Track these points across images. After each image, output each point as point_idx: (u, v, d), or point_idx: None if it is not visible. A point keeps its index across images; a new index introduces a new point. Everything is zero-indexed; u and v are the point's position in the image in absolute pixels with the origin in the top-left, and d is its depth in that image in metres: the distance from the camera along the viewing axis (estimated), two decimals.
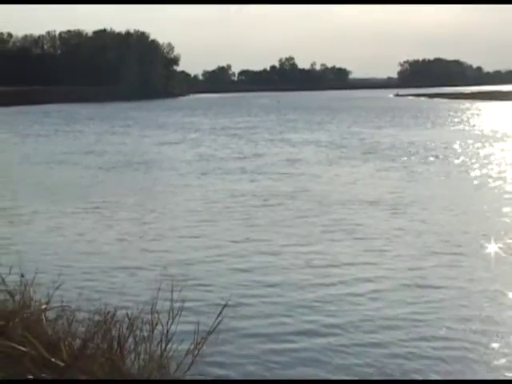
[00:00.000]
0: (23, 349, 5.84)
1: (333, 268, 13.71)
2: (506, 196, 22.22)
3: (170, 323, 6.01)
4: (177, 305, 6.18)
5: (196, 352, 5.90)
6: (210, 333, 6.05)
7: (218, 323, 6.20)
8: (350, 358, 9.13)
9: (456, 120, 68.21)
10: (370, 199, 21.70)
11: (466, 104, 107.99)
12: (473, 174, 28.27)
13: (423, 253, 14.76)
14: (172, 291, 6.26)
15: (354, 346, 9.52)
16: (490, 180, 26.42)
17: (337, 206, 20.68)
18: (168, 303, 6.25)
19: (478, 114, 79.38)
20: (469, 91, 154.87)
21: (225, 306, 6.56)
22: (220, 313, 6.27)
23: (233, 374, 8.43)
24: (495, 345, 9.56)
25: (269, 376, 8.62)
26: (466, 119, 69.86)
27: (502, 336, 9.84)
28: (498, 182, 25.56)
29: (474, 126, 59.88)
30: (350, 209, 20.20)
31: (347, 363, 8.98)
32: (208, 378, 6.32)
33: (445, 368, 8.77)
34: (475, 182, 25.90)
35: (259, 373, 8.67)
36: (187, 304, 7.03)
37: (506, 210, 19.52)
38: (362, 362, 8.99)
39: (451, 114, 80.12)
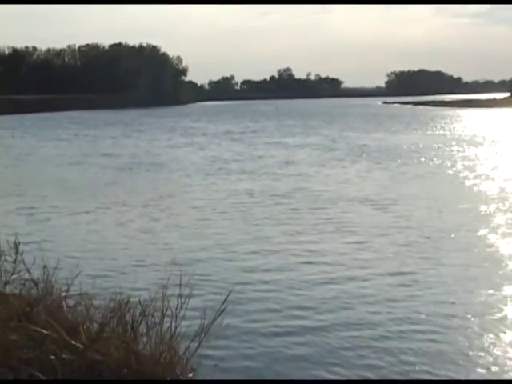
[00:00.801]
0: (46, 332, 5.81)
1: (323, 259, 13.71)
2: (481, 193, 22.26)
3: (178, 309, 5.99)
4: (185, 293, 6.14)
5: (203, 336, 5.87)
6: (215, 318, 6.01)
7: (223, 310, 6.19)
8: (335, 344, 9.15)
9: (438, 125, 68.06)
10: (358, 197, 21.74)
11: (447, 111, 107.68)
12: (452, 173, 28.25)
13: (405, 245, 14.79)
14: (180, 281, 6.23)
15: (335, 330, 9.56)
16: (467, 179, 26.38)
17: (328, 203, 20.69)
18: (177, 291, 6.25)
19: (457, 120, 79.17)
20: (449, 99, 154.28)
21: (229, 294, 6.55)
22: (224, 300, 6.25)
23: (236, 356, 8.41)
24: (466, 323, 9.61)
25: (267, 356, 8.63)
26: (446, 125, 69.66)
27: (474, 316, 9.89)
28: (474, 181, 25.53)
29: (453, 130, 59.75)
30: (339, 206, 20.21)
31: (333, 349, 9.01)
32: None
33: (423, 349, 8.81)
34: (453, 181, 25.89)
35: (259, 354, 8.65)
36: (194, 292, 7.00)
37: (479, 206, 19.56)
38: (347, 346, 8.99)
39: (433, 120, 79.86)
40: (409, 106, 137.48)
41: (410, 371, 8.12)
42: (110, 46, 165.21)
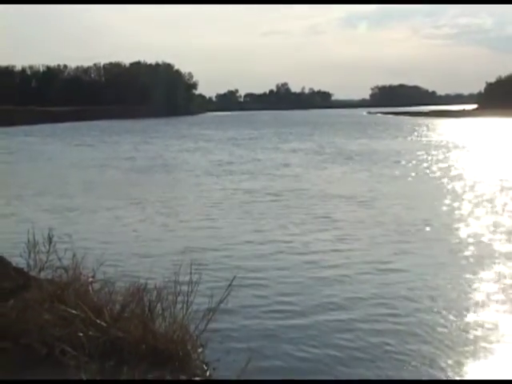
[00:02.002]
0: (75, 312, 5.82)
1: (311, 248, 13.78)
2: (451, 191, 22.25)
3: (189, 293, 5.97)
4: (195, 279, 6.12)
5: (210, 316, 5.86)
6: (221, 301, 5.98)
7: (228, 293, 6.16)
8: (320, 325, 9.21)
9: (415, 133, 67.98)
10: (343, 195, 21.70)
11: (423, 120, 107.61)
12: (426, 174, 28.23)
13: (383, 237, 14.80)
14: (191, 268, 6.21)
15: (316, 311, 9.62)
16: (439, 179, 26.38)
17: (316, 200, 20.69)
18: (187, 277, 6.22)
19: (432, 128, 79.03)
20: (425, 110, 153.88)
21: (233, 279, 6.52)
22: (229, 285, 6.22)
23: (239, 333, 8.40)
24: (435, 305, 9.60)
25: (265, 332, 8.62)
26: (423, 132, 69.64)
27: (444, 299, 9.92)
28: (446, 181, 25.53)
29: (429, 137, 59.70)
30: (326, 202, 20.20)
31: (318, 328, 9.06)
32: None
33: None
34: (427, 181, 25.90)
35: (258, 330, 8.66)
36: (203, 278, 6.99)
37: (451, 203, 19.56)
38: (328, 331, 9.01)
39: (411, 127, 79.80)
40: (390, 115, 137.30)
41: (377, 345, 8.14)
42: (131, 64, 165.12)
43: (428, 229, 15.67)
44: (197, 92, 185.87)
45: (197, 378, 5.53)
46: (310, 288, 10.79)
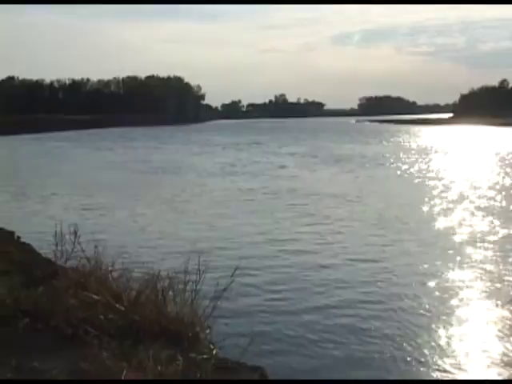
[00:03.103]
0: (97, 297, 5.81)
1: (302, 237, 13.96)
2: (430, 190, 22.24)
3: (197, 281, 5.92)
4: (202, 268, 6.06)
5: (216, 301, 5.80)
6: (225, 289, 5.91)
7: (232, 281, 6.11)
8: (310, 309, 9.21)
9: (398, 138, 67.98)
10: (331, 193, 21.72)
11: (405, 127, 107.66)
12: (408, 175, 28.25)
13: (366, 230, 14.86)
14: (199, 259, 6.17)
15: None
16: (418, 179, 26.40)
17: (307, 197, 20.73)
18: (196, 267, 6.18)
19: (413, 135, 79.06)
20: (407, 118, 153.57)
21: (235, 269, 6.50)
22: (233, 274, 6.17)
23: (242, 317, 8.40)
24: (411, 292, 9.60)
25: (264, 314, 8.65)
26: (405, 138, 69.63)
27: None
28: (425, 180, 25.54)
29: (410, 142, 59.72)
30: (316, 199, 20.25)
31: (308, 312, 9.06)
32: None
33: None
34: (409, 181, 25.90)
35: (259, 314, 8.66)
36: (210, 267, 6.87)
37: (430, 201, 19.55)
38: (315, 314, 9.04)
39: (395, 134, 79.82)
40: (376, 123, 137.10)
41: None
42: (146, 77, 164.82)
43: (405, 222, 15.70)
44: (204, 102, 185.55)
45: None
46: (304, 275, 10.79)
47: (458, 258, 11.75)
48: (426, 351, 7.28)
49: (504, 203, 19.14)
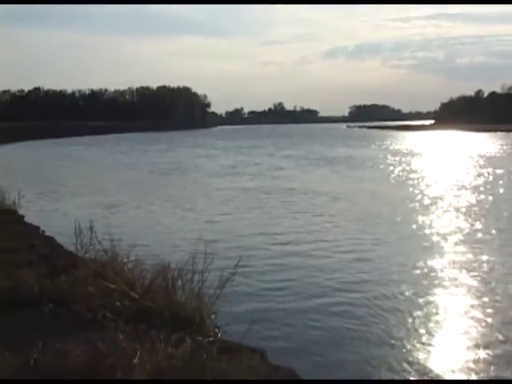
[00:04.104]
0: (113, 286, 5.80)
1: (295, 230, 14.02)
2: (414, 190, 22.20)
3: (203, 271, 5.90)
4: (208, 260, 6.02)
5: (221, 289, 5.77)
6: (229, 278, 5.88)
7: (235, 272, 6.08)
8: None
9: (385, 143, 67.83)
10: (321, 191, 21.71)
11: (391, 133, 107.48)
12: (391, 175, 28.22)
13: (351, 224, 14.88)
14: (205, 251, 6.15)
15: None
16: (401, 179, 26.37)
17: (299, 195, 20.75)
18: (202, 258, 6.12)
19: (398, 139, 78.86)
20: (393, 125, 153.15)
21: (239, 260, 6.49)
22: (236, 264, 6.13)
23: (243, 304, 8.35)
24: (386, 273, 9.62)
25: (264, 299, 8.64)
26: (391, 142, 69.49)
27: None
28: (409, 181, 25.51)
29: (395, 146, 59.62)
30: (307, 197, 20.26)
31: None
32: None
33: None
34: (392, 181, 25.89)
35: (260, 301, 8.64)
36: (215, 258, 6.78)
37: (411, 198, 19.52)
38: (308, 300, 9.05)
39: (382, 139, 79.59)
40: (365, 129, 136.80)
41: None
42: (157, 88, 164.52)
43: (389, 218, 15.72)
44: (210, 110, 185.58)
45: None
46: (301, 265, 10.80)
47: (433, 249, 11.83)
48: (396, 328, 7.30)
49: (476, 200, 19.15)
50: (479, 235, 13.40)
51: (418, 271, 10.21)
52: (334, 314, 8.12)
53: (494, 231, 13.83)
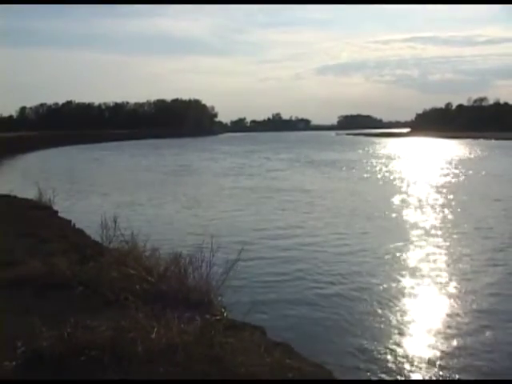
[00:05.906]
0: (133, 272, 5.77)
1: (287, 223, 13.91)
2: (392, 188, 22.16)
3: (211, 259, 5.86)
4: (215, 249, 5.98)
5: (226, 275, 5.72)
6: (233, 265, 5.77)
7: (238, 259, 6.02)
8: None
9: (368, 147, 67.57)
10: (310, 190, 21.61)
11: (374, 139, 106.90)
12: (375, 177, 28.14)
13: (338, 219, 14.82)
14: (212, 240, 6.10)
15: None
16: (383, 179, 26.32)
17: (290, 193, 20.66)
18: (209, 247, 6.08)
19: (380, 144, 78.61)
20: (375, 132, 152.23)
21: (242, 248, 6.46)
22: (240, 252, 6.08)
23: (246, 287, 8.26)
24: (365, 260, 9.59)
25: (264, 284, 8.58)
26: (373, 147, 69.18)
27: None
28: (388, 181, 25.46)
29: (378, 150, 59.42)
30: (298, 194, 20.16)
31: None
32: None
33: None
34: (376, 182, 25.81)
35: (261, 285, 8.55)
36: (220, 246, 6.71)
37: (390, 197, 19.50)
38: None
39: (366, 144, 79.28)
40: (351, 136, 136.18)
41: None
42: (171, 100, 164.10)
43: (371, 214, 15.65)
44: (217, 119, 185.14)
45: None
46: (298, 253, 10.78)
47: (410, 239, 11.81)
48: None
49: (446, 197, 19.12)
50: (448, 226, 13.39)
51: (396, 258, 10.19)
52: (327, 296, 8.12)
53: (461, 223, 13.80)
